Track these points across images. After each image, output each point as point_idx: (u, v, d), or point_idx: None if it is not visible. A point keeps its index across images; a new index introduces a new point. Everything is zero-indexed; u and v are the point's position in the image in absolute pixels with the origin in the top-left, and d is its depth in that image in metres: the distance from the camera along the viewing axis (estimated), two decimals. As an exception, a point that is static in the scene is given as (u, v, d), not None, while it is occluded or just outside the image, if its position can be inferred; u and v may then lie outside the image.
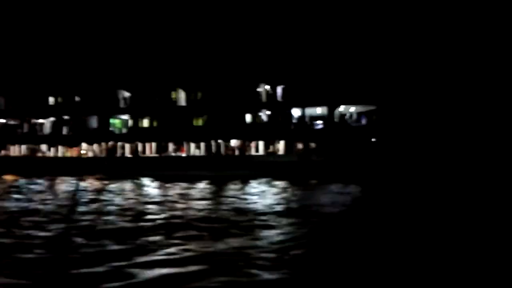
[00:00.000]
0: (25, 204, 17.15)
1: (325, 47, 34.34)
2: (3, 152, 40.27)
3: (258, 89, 34.77)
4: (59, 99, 39.15)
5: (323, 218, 13.50)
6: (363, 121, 33.57)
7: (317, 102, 32.65)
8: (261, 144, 34.57)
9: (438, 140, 32.32)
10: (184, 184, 25.71)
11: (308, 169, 30.69)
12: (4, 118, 41.03)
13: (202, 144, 35.43)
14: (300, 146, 33.13)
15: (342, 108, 33.40)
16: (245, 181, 27.50)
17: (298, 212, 14.56)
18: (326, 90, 32.20)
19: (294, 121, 33.91)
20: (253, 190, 22.32)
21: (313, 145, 32.76)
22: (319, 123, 33.29)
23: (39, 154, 39.39)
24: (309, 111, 33.39)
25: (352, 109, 34.15)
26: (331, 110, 32.53)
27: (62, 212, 14.97)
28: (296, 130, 33.33)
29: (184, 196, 19.89)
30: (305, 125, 33.21)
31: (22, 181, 29.66)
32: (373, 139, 32.30)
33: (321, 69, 33.07)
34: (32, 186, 25.65)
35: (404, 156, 30.25)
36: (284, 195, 20.11)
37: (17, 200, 18.99)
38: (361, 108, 33.78)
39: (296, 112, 34.04)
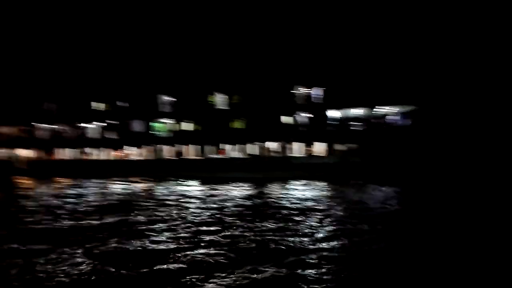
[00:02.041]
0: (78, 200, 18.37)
1: (363, 46, 34.06)
2: (53, 156, 42.61)
3: (295, 91, 35.06)
4: (105, 105, 41.02)
5: (367, 220, 13.55)
6: (404, 122, 33.06)
7: (356, 103, 32.53)
8: (299, 145, 34.83)
9: (483, 141, 31.34)
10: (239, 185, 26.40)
11: (349, 171, 30.66)
12: (54, 124, 43.40)
13: (241, 146, 36.11)
14: (340, 147, 33.10)
15: (382, 109, 33.05)
16: (286, 182, 27.90)
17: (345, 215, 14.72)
18: (365, 91, 32.02)
19: (332, 122, 33.93)
20: (297, 191, 22.65)
21: (354, 146, 32.66)
22: (359, 124, 33.13)
23: (87, 157, 41.40)
24: (348, 112, 33.31)
25: (392, 109, 33.69)
26: (371, 110, 32.30)
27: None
28: (336, 132, 33.35)
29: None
30: (345, 126, 33.16)
31: (73, 182, 31.45)
32: (414, 140, 31.77)
33: (359, 69, 32.88)
34: (84, 186, 27.19)
35: (447, 158, 29.57)
36: (328, 196, 20.30)
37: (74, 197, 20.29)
38: (401, 109, 33.28)
39: (334, 114, 34.04)
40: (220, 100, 37.16)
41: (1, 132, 44.08)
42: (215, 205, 17.77)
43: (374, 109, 32.52)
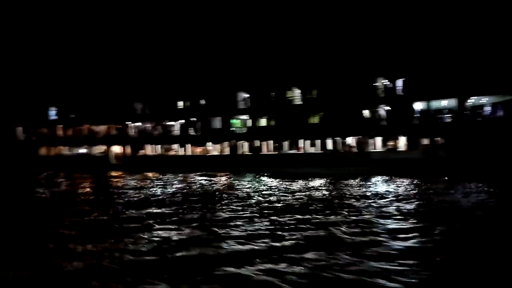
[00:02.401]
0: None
1: (451, 32, 31.55)
2: (141, 152, 46.02)
3: (376, 84, 33.68)
4: (187, 103, 43.29)
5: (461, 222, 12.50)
6: (499, 113, 30.00)
7: (444, 93, 30.26)
8: (380, 140, 33.46)
9: None
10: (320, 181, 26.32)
11: (435, 166, 28.70)
12: (141, 122, 46.84)
13: (318, 142, 35.70)
14: (425, 141, 31.12)
15: (473, 99, 30.38)
16: (366, 178, 27.01)
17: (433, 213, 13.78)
18: (454, 80, 29.64)
19: (416, 115, 32.01)
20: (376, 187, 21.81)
21: (440, 140, 30.49)
22: (447, 116, 30.82)
23: (172, 153, 44.10)
24: (435, 104, 31.16)
25: (485, 99, 30.78)
26: (461, 101, 29.84)
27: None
28: (420, 125, 31.41)
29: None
30: (430, 119, 31.07)
31: (159, 176, 33.78)
32: (508, 133, 28.68)
33: (447, 57, 30.52)
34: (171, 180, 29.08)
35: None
36: (410, 192, 19.21)
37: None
38: (496, 99, 30.26)
39: (418, 106, 32.09)
40: (297, 95, 37.10)
41: (98, 131, 48.76)
42: (289, 198, 17.79)
43: (464, 100, 29.96)
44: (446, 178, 25.21)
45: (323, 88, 35.63)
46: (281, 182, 26.36)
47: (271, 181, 27.33)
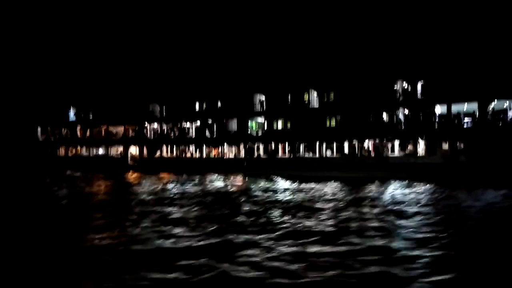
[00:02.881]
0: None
1: (473, 34, 30.76)
2: (158, 154, 46.38)
3: (395, 86, 33.10)
4: (204, 105, 43.40)
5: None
6: (524, 117, 29.05)
7: (466, 97, 29.48)
8: (399, 144, 32.86)
9: None
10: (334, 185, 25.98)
11: (456, 172, 27.97)
12: (158, 123, 47.23)
13: (336, 145, 35.30)
14: (445, 146, 30.38)
15: (495, 103, 29.50)
16: (383, 182, 26.48)
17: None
18: (476, 83, 28.87)
19: (437, 119, 31.30)
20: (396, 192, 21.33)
21: (461, 145, 29.71)
22: (468, 121, 30.03)
23: (188, 155, 44.28)
24: (456, 107, 30.41)
25: (508, 103, 29.86)
26: (483, 105, 29.02)
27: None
28: (440, 129, 30.69)
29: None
30: (451, 123, 30.32)
31: (175, 177, 33.85)
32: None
33: (469, 59, 29.75)
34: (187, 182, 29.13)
35: None
36: (429, 198, 18.70)
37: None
38: (520, 102, 29.33)
39: (439, 109, 31.39)
40: (315, 97, 36.78)
41: (116, 131, 49.38)
42: (305, 203, 17.53)
43: (486, 104, 29.12)
44: (467, 184, 24.50)
45: (340, 90, 35.22)
46: (294, 185, 26.09)
47: (285, 184, 27.05)
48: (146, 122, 47.04)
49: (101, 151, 49.98)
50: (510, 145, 27.27)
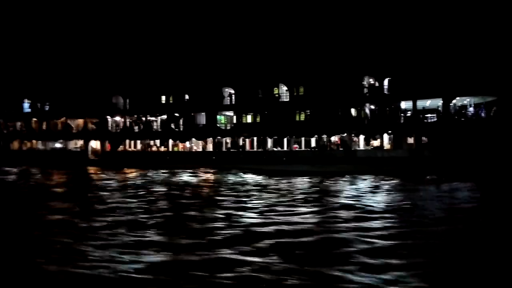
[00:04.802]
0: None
1: (438, 33, 32.04)
2: (121, 148, 44.66)
3: (363, 82, 33.85)
4: (170, 98, 42.24)
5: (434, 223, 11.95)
6: (482, 114, 30.68)
7: (430, 93, 30.67)
8: (365, 138, 33.67)
9: None
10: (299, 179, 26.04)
11: (420, 165, 29.03)
12: (121, 116, 45.42)
13: (304, 139, 35.62)
14: (410, 141, 31.48)
15: (457, 100, 30.95)
16: (351, 176, 26.97)
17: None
18: (440, 81, 30.09)
19: (402, 114, 32.37)
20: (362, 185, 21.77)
21: (425, 139, 30.91)
22: (432, 116, 31.28)
23: (153, 149, 42.98)
24: (420, 103, 31.57)
25: (469, 100, 31.44)
26: (446, 101, 30.33)
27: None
28: (405, 124, 31.76)
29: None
30: (416, 118, 31.45)
31: (140, 172, 32.72)
32: (493, 134, 29.35)
33: (433, 58, 30.96)
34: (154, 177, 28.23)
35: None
36: (395, 193, 19.09)
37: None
38: (479, 100, 30.97)
39: (404, 105, 32.47)
40: (284, 92, 36.85)
41: (75, 125, 46.99)
42: (271, 197, 17.25)
43: (449, 100, 30.47)
44: (430, 177, 25.42)
45: (310, 85, 35.50)
46: (263, 179, 25.93)
47: (254, 178, 26.86)
48: (108, 115, 45.14)
49: (57, 144, 47.42)
50: (470, 139, 28.66)
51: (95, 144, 45.87)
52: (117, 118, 45.43)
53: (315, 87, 35.15)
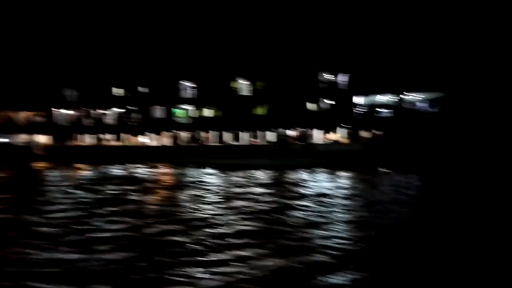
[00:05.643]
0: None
1: (391, 32, 33.35)
2: (73, 142, 42.37)
3: (320, 78, 34.54)
4: (125, 90, 40.61)
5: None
6: (431, 109, 32.48)
7: (383, 89, 31.98)
8: (323, 132, 34.45)
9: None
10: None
11: (374, 158, 30.21)
12: (70, 109, 43.05)
13: (264, 133, 35.78)
14: (365, 134, 32.66)
15: (409, 95, 32.48)
16: (308, 169, 27.54)
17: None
18: (393, 77, 31.43)
19: (357, 109, 33.48)
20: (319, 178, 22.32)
21: (379, 133, 32.20)
22: (385, 111, 32.63)
23: (106, 143, 41.18)
24: (374, 98, 32.82)
25: (419, 96, 33.08)
26: (399, 97, 31.76)
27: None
28: (360, 118, 32.88)
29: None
30: (370, 113, 32.65)
31: (91, 168, 31.15)
32: (441, 128, 31.22)
33: (386, 55, 32.24)
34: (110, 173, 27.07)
35: (473, 147, 28.96)
36: (349, 185, 19.69)
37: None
38: (428, 95, 32.71)
39: (359, 100, 33.56)
40: (243, 86, 36.72)
41: (20, 118, 43.90)
42: (232, 191, 17.12)
43: (402, 96, 31.95)
44: (383, 170, 26.50)
45: (269, 79, 35.67)
46: (222, 174, 25.73)
47: (213, 173, 26.60)
48: (56, 108, 42.62)
49: (2, 139, 44.11)
50: (420, 133, 30.26)
51: (42, 138, 43.19)
52: (66, 111, 43.04)
53: (274, 82, 35.38)
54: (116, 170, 28.76)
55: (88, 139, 41.99)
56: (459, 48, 32.08)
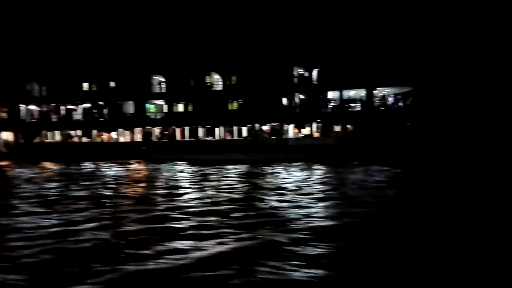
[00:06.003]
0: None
1: (361, 28, 34.06)
2: (39, 139, 40.95)
3: (293, 73, 34.83)
4: (94, 85, 39.54)
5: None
6: (400, 103, 33.42)
7: (354, 84, 32.60)
8: (296, 127, 34.80)
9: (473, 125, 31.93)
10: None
11: (346, 152, 30.80)
12: (36, 105, 41.59)
13: (237, 128, 35.78)
14: (337, 129, 33.22)
15: (378, 90, 33.27)
16: (282, 164, 27.73)
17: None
18: (363, 72, 32.10)
19: (329, 103, 34.01)
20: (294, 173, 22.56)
21: (350, 127, 32.84)
22: (356, 106, 33.30)
23: (75, 140, 40.01)
24: (346, 93, 33.42)
25: (388, 90, 33.97)
26: (369, 92, 32.47)
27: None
28: (332, 113, 33.41)
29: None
30: (342, 107, 33.23)
31: (59, 166, 30.15)
32: (408, 122, 32.18)
33: (357, 51, 32.89)
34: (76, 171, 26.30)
35: (439, 141, 30.00)
36: (323, 177, 19.93)
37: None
38: (397, 90, 33.62)
39: (331, 95, 34.11)
40: (217, 80, 36.52)
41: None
42: (205, 187, 16.61)
43: (371, 90, 32.67)
44: (355, 163, 26.99)
45: (242, 74, 35.64)
46: (195, 169, 25.48)
47: (186, 168, 26.32)
48: (21, 103, 41.03)
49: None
50: (390, 127, 31.08)
51: (6, 135, 41.48)
52: (32, 107, 41.52)
53: (247, 76, 35.40)
54: (86, 168, 27.92)
55: (56, 136, 40.69)
56: (428, 43, 33.13)
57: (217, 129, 36.35)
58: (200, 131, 36.62)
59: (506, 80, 32.20)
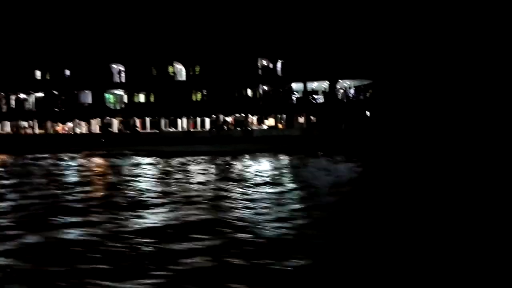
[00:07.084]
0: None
1: (325, 21, 34.53)
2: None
3: (258, 64, 34.71)
4: (47, 73, 37.31)
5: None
6: (360, 96, 34.28)
7: (317, 76, 33.06)
8: (260, 118, 34.82)
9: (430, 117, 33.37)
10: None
11: (310, 143, 31.21)
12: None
13: (201, 119, 35.27)
14: (301, 120, 33.59)
15: (340, 82, 33.93)
16: (247, 155, 27.64)
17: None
18: (326, 64, 32.58)
19: (293, 95, 34.27)
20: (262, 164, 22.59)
21: (314, 119, 33.32)
22: (319, 97, 33.80)
23: (26, 131, 37.73)
24: (309, 85, 33.81)
25: (349, 83, 34.72)
26: (332, 84, 33.05)
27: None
28: (296, 105, 33.71)
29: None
30: (306, 99, 33.61)
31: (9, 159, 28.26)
32: (367, 113, 33.17)
33: (320, 43, 33.35)
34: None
35: (397, 132, 31.07)
36: (286, 168, 20.08)
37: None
38: (358, 82, 34.47)
39: (295, 86, 34.37)
40: (179, 71, 35.66)
41: None
42: (170, 180, 16.19)
43: (334, 83, 33.27)
44: (318, 154, 27.40)
45: (206, 65, 35.03)
46: (159, 162, 24.73)
47: (148, 161, 25.50)
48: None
49: None
50: (351, 118, 31.86)
51: None
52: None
53: (211, 67, 34.84)
54: (38, 161, 26.26)
55: (6, 127, 38.14)
56: (386, 37, 34.18)
57: (180, 120, 35.60)
58: (163, 122, 35.70)
59: (460, 74, 33.92)
